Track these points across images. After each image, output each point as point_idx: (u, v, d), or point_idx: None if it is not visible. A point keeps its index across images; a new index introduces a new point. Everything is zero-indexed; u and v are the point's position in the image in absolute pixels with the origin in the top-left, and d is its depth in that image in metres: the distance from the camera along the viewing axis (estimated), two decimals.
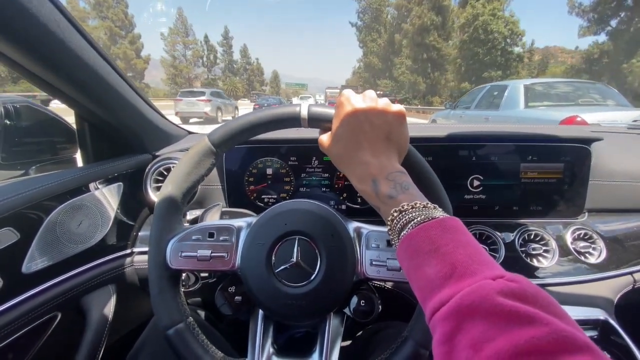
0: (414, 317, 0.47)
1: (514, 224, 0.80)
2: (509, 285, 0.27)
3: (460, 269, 0.29)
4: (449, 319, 0.27)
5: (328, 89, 52.99)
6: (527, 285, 0.27)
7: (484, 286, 0.27)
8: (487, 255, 0.32)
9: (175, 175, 0.48)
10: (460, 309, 0.26)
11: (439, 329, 0.28)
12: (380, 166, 0.40)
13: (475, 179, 0.80)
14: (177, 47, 52.86)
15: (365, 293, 0.53)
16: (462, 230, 0.34)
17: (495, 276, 0.28)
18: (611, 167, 0.82)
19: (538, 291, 0.27)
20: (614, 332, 0.70)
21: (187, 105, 13.49)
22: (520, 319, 0.24)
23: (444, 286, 0.29)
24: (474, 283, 0.28)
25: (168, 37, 52.57)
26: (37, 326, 0.57)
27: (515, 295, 0.26)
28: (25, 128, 1.08)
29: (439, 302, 0.29)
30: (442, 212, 0.36)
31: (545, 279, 0.73)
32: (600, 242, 0.77)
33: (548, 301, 0.26)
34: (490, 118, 4.63)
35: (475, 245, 0.32)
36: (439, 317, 0.28)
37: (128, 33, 44.62)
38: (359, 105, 0.42)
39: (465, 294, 0.27)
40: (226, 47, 61.97)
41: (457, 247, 0.31)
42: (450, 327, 0.26)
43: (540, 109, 4.16)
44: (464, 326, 0.26)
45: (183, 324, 0.46)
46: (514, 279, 0.28)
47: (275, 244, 0.50)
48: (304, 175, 0.83)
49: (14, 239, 0.54)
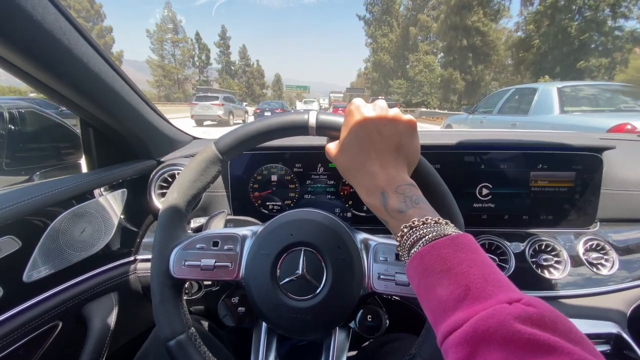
0: (422, 334, 0.46)
1: (524, 233, 0.78)
2: (526, 310, 0.25)
3: (474, 291, 0.28)
4: (463, 345, 0.26)
5: (332, 93, 52.86)
6: (545, 309, 0.26)
7: (500, 311, 0.26)
8: (502, 276, 0.31)
9: (181, 183, 0.48)
10: (475, 334, 0.25)
11: (452, 354, 0.26)
12: (389, 178, 0.39)
13: (484, 187, 0.79)
14: (165, 45, 47.69)
15: (372, 307, 0.52)
16: (476, 249, 0.32)
17: (511, 300, 0.27)
18: (624, 175, 0.80)
19: (557, 316, 0.26)
20: (626, 346, 0.68)
21: (202, 108, 14.91)
22: (540, 348, 0.23)
23: (457, 309, 0.28)
24: (489, 307, 0.26)
25: (155, 34, 47.15)
26: (38, 336, 0.56)
27: (533, 321, 0.24)
28: (30, 133, 1.08)
29: (452, 326, 0.27)
30: (454, 228, 0.35)
31: (557, 291, 0.72)
32: (612, 253, 0.75)
33: (568, 327, 0.25)
34: (519, 124, 4.21)
35: (490, 265, 0.31)
36: (452, 341, 0.27)
37: (95, 25, 40.07)
38: (369, 115, 0.41)
39: (481, 318, 0.26)
40: (223, 48, 57.12)
41: (471, 266, 0.30)
42: (465, 353, 0.25)
43: (577, 115, 3.70)
44: (479, 353, 0.25)
45: (185, 335, 0.44)
46: (532, 302, 0.27)
47: (281, 254, 0.49)
48: (309, 182, 0.82)
49: (15, 247, 0.53)
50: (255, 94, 62.65)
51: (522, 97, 4.58)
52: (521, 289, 0.29)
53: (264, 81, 67.32)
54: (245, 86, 61.46)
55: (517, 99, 4.71)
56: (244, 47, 62.92)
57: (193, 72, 52.54)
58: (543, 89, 4.17)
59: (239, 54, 62.36)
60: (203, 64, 52.99)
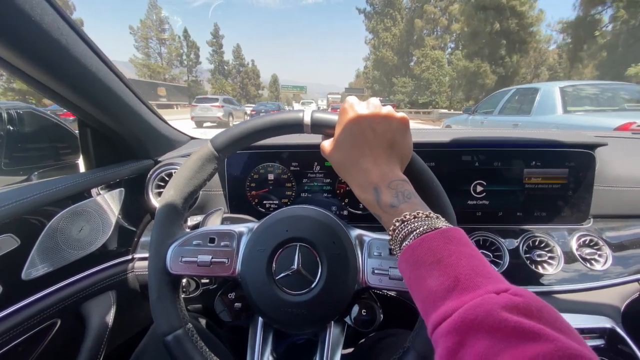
0: (416, 328, 0.46)
1: (518, 230, 0.79)
2: (513, 299, 0.26)
3: (463, 282, 0.29)
4: (452, 334, 0.26)
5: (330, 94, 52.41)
6: (532, 299, 0.27)
7: (487, 300, 0.26)
8: (491, 268, 0.31)
9: (177, 180, 0.48)
10: (463, 323, 0.26)
11: (441, 343, 0.27)
12: (381, 174, 0.40)
13: (479, 184, 0.80)
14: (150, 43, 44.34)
15: (366, 302, 0.52)
16: (465, 242, 0.33)
17: (499, 290, 0.27)
18: (616, 172, 0.81)
19: (543, 306, 0.26)
20: (620, 341, 0.69)
21: (202, 110, 15.05)
22: (525, 335, 0.23)
23: (446, 299, 0.29)
24: (478, 297, 0.27)
25: (139, 31, 43.92)
26: (36, 333, 0.57)
27: (519, 310, 0.25)
28: (28, 134, 1.08)
29: (441, 316, 0.28)
30: (445, 222, 0.36)
31: (551, 287, 0.72)
32: (606, 248, 0.76)
33: (554, 316, 0.26)
34: (521, 124, 4.15)
35: (479, 257, 0.32)
36: (441, 331, 0.27)
37: None
38: (362, 112, 0.41)
39: (469, 308, 0.26)
40: (216, 47, 54.56)
41: (460, 258, 0.31)
42: (454, 342, 0.26)
43: (580, 115, 3.64)
44: (467, 342, 0.25)
45: (182, 330, 0.45)
46: (519, 292, 0.27)
47: (276, 250, 0.49)
48: (305, 181, 0.83)
49: (14, 245, 0.54)
50: (250, 94, 60.02)
51: (523, 97, 4.55)
52: (515, 284, 0.29)
53: (259, 81, 64.85)
54: (239, 87, 59.24)
55: (518, 99, 4.68)
56: (238, 46, 59.84)
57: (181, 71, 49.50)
58: (545, 89, 4.14)
59: (232, 53, 59.65)
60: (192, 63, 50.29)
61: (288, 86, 59.89)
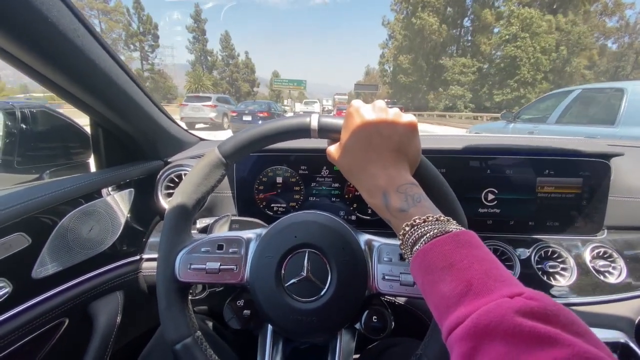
0: (428, 334, 0.45)
1: (529, 239, 0.78)
2: (528, 303, 0.26)
3: (476, 286, 0.28)
4: (466, 340, 0.26)
5: (337, 95, 51.82)
6: (548, 302, 0.26)
7: (501, 305, 0.26)
8: (505, 270, 0.31)
9: (185, 187, 0.48)
10: (477, 329, 0.25)
11: (456, 348, 0.27)
12: (389, 178, 0.39)
13: (490, 192, 0.79)
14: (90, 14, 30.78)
15: (377, 308, 0.51)
16: (478, 244, 0.33)
17: (513, 294, 0.27)
18: (632, 183, 0.80)
19: (559, 309, 0.26)
20: (634, 356, 0.67)
21: (193, 110, 13.09)
22: (541, 341, 0.23)
23: (459, 304, 0.28)
24: (491, 301, 0.27)
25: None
26: (45, 332, 0.57)
27: (534, 315, 0.25)
28: (41, 133, 1.10)
29: (455, 321, 0.28)
30: (457, 225, 0.35)
31: (563, 299, 0.71)
32: (620, 261, 0.74)
33: (570, 319, 0.25)
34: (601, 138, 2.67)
35: (492, 260, 0.31)
36: (455, 336, 0.27)
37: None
38: (368, 116, 0.41)
39: (482, 313, 0.26)
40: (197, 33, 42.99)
41: (473, 262, 0.30)
42: (468, 348, 0.26)
43: None
44: (482, 347, 0.25)
45: (191, 338, 0.45)
46: (533, 296, 0.27)
47: (285, 257, 0.49)
48: (314, 185, 0.83)
49: (25, 244, 0.54)
50: (242, 91, 49.47)
51: (596, 102, 3.51)
52: None
53: (254, 77, 53.87)
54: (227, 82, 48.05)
55: (585, 104, 3.64)
56: (226, 33, 48.27)
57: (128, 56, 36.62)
58: (633, 90, 3.05)
59: (220, 42, 48.53)
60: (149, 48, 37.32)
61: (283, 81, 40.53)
